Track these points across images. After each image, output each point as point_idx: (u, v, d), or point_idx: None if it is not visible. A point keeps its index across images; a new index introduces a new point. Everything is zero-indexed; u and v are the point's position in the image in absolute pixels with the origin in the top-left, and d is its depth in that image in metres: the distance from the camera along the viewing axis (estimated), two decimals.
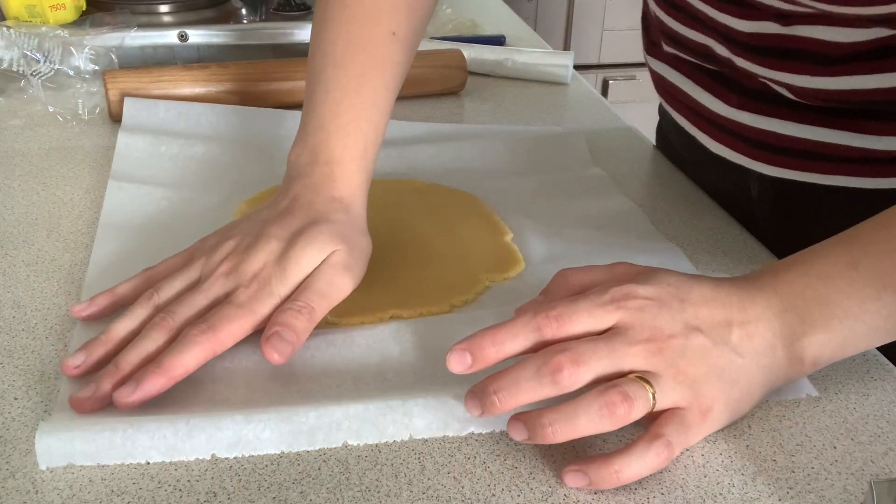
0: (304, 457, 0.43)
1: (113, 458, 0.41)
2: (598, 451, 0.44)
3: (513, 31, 1.12)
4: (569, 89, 0.95)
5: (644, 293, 0.44)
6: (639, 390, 0.41)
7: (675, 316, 0.44)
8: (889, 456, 0.44)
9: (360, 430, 0.44)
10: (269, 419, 0.43)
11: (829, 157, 0.60)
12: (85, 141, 0.77)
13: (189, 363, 0.45)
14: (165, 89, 0.80)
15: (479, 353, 0.43)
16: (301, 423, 0.43)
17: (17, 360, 0.49)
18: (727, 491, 0.42)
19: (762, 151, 0.63)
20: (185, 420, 0.42)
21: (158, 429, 0.42)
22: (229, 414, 0.43)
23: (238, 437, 0.42)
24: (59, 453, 0.41)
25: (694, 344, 0.43)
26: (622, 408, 0.41)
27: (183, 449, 0.42)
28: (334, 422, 0.43)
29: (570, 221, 0.65)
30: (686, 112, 0.70)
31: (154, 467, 0.42)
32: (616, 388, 0.41)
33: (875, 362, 0.51)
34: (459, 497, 0.41)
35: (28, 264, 0.58)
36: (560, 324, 0.43)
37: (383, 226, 0.62)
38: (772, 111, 0.62)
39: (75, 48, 0.89)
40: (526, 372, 0.42)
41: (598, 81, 2.24)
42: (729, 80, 0.64)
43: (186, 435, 0.42)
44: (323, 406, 0.44)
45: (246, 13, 1.03)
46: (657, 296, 0.44)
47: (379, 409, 0.44)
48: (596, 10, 2.18)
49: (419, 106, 0.88)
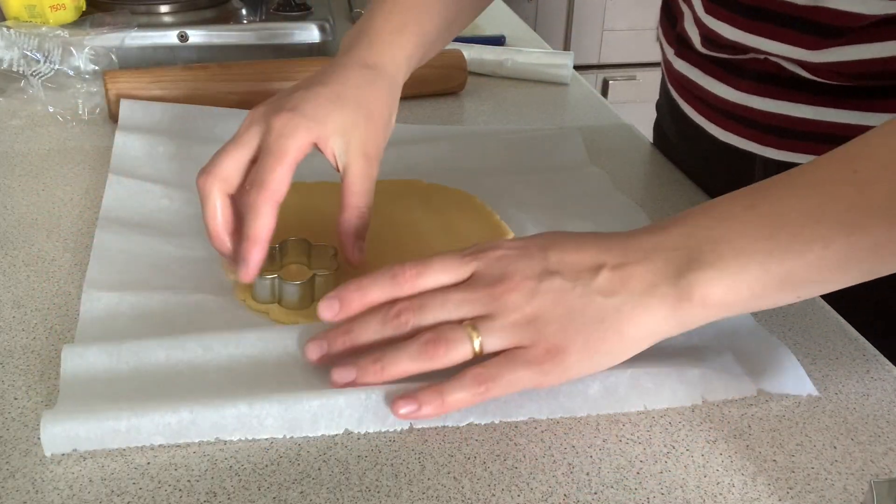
0: (304, 457, 0.43)
1: (117, 442, 0.42)
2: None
3: (513, 31, 1.12)
4: (569, 89, 0.95)
5: (509, 245, 0.46)
6: (458, 334, 0.43)
7: (534, 263, 0.45)
8: (889, 456, 0.44)
9: (362, 417, 0.44)
10: (271, 406, 0.43)
11: (839, 137, 0.60)
12: (85, 141, 0.77)
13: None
14: (165, 89, 0.80)
15: (345, 298, 0.46)
16: (303, 411, 0.44)
17: (17, 360, 0.49)
18: (727, 491, 0.42)
19: (771, 136, 0.64)
20: (189, 408, 0.43)
21: (162, 416, 0.42)
22: (232, 401, 0.43)
23: (241, 423, 0.43)
24: (63, 439, 0.42)
25: (546, 287, 0.44)
26: (440, 349, 0.43)
27: (187, 433, 0.42)
28: (336, 409, 0.44)
29: (570, 220, 0.65)
30: (694, 101, 0.70)
31: (154, 467, 0.42)
32: (435, 331, 0.44)
33: (875, 362, 0.51)
34: (459, 497, 0.41)
35: (28, 264, 0.58)
36: (416, 273, 0.46)
37: (383, 226, 0.62)
38: (783, 94, 0.62)
39: (75, 48, 0.88)
40: (375, 317, 0.45)
41: (598, 81, 2.24)
42: (739, 66, 0.64)
43: (190, 421, 0.43)
44: (325, 394, 0.44)
45: (246, 13, 1.03)
46: (522, 246, 0.46)
47: (380, 398, 0.44)
48: (596, 10, 2.18)
49: (419, 106, 0.88)
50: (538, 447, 0.44)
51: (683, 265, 0.43)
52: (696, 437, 0.45)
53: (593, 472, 0.43)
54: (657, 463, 0.43)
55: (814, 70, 0.59)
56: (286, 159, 0.51)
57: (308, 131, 0.52)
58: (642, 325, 0.44)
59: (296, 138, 0.52)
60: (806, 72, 0.60)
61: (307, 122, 0.52)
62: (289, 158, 0.51)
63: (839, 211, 0.41)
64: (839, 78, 0.59)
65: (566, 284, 0.44)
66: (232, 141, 0.53)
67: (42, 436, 0.41)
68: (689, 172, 0.75)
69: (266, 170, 0.51)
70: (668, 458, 0.43)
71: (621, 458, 0.43)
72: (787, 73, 0.61)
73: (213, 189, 0.52)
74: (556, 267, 0.44)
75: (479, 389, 0.43)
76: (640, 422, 0.46)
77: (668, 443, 0.44)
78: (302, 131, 0.52)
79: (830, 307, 0.56)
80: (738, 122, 0.66)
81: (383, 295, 0.46)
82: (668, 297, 0.43)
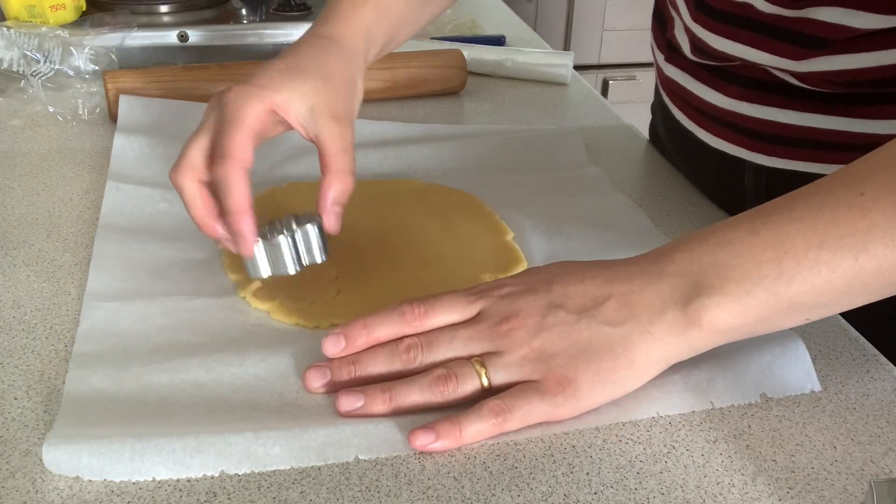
0: None
1: (120, 473, 0.41)
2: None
3: (513, 31, 1.12)
4: (569, 89, 0.95)
5: (513, 282, 0.47)
6: (466, 370, 0.45)
7: (539, 298, 0.46)
8: (889, 456, 0.44)
9: (371, 445, 0.43)
10: (278, 436, 0.42)
11: (828, 144, 0.61)
12: (85, 141, 0.77)
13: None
14: (165, 89, 0.80)
15: (351, 335, 0.47)
16: (311, 440, 0.43)
17: (17, 360, 0.49)
18: (727, 491, 0.42)
19: (761, 142, 0.64)
20: (195, 436, 0.42)
21: (167, 444, 0.41)
22: (238, 430, 0.42)
23: (247, 453, 0.42)
24: (66, 466, 0.41)
25: (551, 321, 0.45)
26: (451, 384, 0.44)
27: (191, 465, 0.41)
28: (344, 438, 0.43)
29: (570, 220, 0.65)
30: (684, 106, 0.70)
31: None
32: (446, 366, 0.45)
33: (875, 362, 0.51)
34: (459, 497, 0.41)
35: (28, 264, 0.58)
36: (423, 312, 0.47)
37: (383, 226, 0.62)
38: (773, 100, 0.62)
39: (75, 48, 0.88)
40: (384, 349, 0.47)
41: (598, 81, 2.24)
42: (728, 72, 0.64)
43: (195, 450, 0.41)
44: (332, 424, 0.44)
45: (246, 13, 1.03)
46: (526, 282, 0.47)
47: (388, 427, 0.44)
48: (596, 10, 2.18)
49: (419, 106, 0.88)
50: (538, 447, 0.44)
51: (691, 291, 0.43)
52: (696, 437, 0.45)
53: (593, 472, 0.43)
54: (657, 463, 0.43)
55: (802, 78, 0.59)
56: (242, 126, 0.50)
57: (260, 99, 0.51)
58: (652, 351, 0.44)
59: (250, 105, 0.51)
60: (795, 79, 0.60)
61: (258, 91, 0.51)
62: (245, 125, 0.50)
63: (843, 235, 0.41)
64: (828, 86, 0.59)
65: (571, 317, 0.44)
66: (195, 130, 0.53)
67: (45, 460, 0.40)
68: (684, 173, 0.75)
69: (224, 140, 0.50)
70: (668, 458, 0.43)
71: (621, 458, 0.43)
72: (776, 80, 0.61)
73: (185, 179, 0.51)
74: (560, 300, 0.45)
75: (496, 420, 0.43)
76: (640, 422, 0.46)
77: (668, 443, 0.44)
78: (254, 99, 0.51)
79: None
80: (727, 129, 0.66)
81: (390, 333, 0.47)
82: (677, 324, 0.44)
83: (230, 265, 0.57)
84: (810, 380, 0.48)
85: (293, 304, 0.54)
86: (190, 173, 0.51)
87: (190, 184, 0.51)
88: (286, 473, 0.42)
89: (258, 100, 0.51)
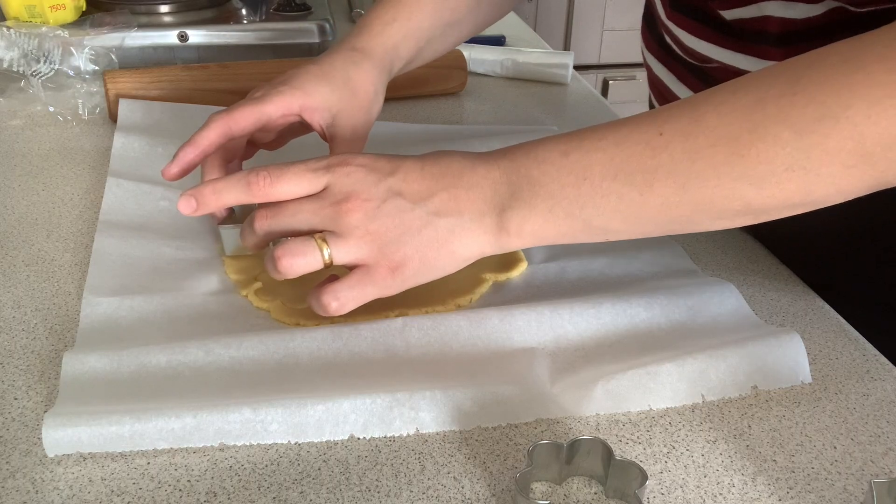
0: (304, 457, 0.43)
1: (121, 446, 0.42)
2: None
3: (513, 31, 1.12)
4: (569, 89, 0.95)
5: (359, 161, 0.49)
6: (309, 247, 0.47)
7: (380, 182, 0.48)
8: (889, 456, 0.44)
9: (367, 423, 0.44)
10: (276, 411, 0.43)
11: None
12: (85, 141, 0.77)
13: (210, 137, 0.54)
14: (165, 89, 0.80)
15: (201, 198, 0.50)
16: (308, 416, 0.43)
17: (17, 360, 0.49)
18: (727, 491, 0.42)
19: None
20: (193, 413, 0.43)
21: (167, 421, 0.42)
22: (237, 406, 0.43)
23: (246, 428, 0.43)
24: (65, 443, 0.42)
25: (389, 207, 0.47)
26: (294, 260, 0.47)
27: (191, 438, 0.42)
28: (341, 414, 0.44)
29: None
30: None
31: (154, 467, 0.42)
32: (288, 243, 0.47)
33: (875, 362, 0.51)
34: (459, 497, 0.41)
35: (28, 264, 0.58)
36: (270, 182, 0.48)
37: None
38: None
39: (75, 48, 0.88)
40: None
41: (598, 81, 2.24)
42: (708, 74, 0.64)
43: (194, 427, 0.42)
44: (330, 399, 0.44)
45: (246, 13, 1.03)
46: (371, 163, 0.49)
47: (386, 403, 0.44)
48: (596, 10, 2.18)
49: (419, 106, 0.88)
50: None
51: (506, 199, 0.47)
52: (696, 437, 0.45)
53: None
54: (657, 463, 0.43)
55: None
56: (261, 104, 0.56)
57: (293, 97, 0.57)
58: (471, 246, 0.48)
59: (282, 97, 0.57)
60: None
61: (292, 90, 0.57)
62: (264, 106, 0.56)
63: (634, 171, 0.44)
64: None
65: (406, 205, 0.47)
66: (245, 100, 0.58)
67: (44, 439, 0.41)
68: None
69: (238, 104, 0.56)
70: (668, 458, 0.43)
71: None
72: None
73: (217, 120, 0.55)
74: (397, 188, 0.48)
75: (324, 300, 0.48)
76: (640, 422, 0.46)
77: (668, 443, 0.44)
78: (287, 96, 0.57)
79: (830, 307, 0.56)
80: None
81: (237, 199, 0.50)
82: (491, 226, 0.48)
83: (231, 265, 0.58)
84: (802, 372, 0.48)
85: (294, 304, 0.54)
86: (226, 120, 0.55)
87: (216, 124, 0.55)
88: (286, 473, 0.42)
89: (290, 97, 0.57)
